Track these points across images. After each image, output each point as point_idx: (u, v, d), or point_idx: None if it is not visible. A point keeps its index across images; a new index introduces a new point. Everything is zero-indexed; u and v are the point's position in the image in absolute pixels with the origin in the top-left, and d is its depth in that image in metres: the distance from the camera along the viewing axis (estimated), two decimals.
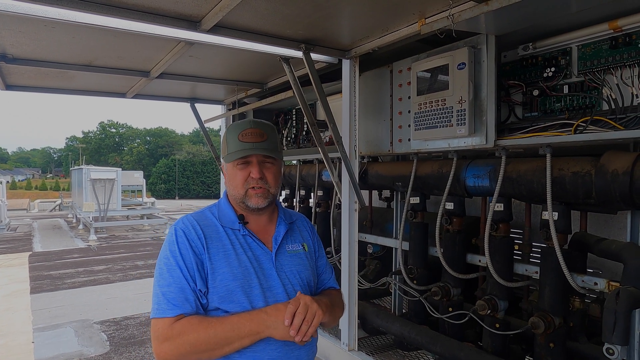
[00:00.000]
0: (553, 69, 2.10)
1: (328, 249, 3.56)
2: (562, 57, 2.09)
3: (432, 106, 2.34)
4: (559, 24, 2.06)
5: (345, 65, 2.68)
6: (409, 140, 2.58)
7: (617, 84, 1.89)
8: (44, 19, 1.91)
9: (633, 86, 1.83)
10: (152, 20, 1.98)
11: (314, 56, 2.59)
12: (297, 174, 3.90)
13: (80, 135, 72.93)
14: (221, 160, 1.54)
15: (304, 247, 1.59)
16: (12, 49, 2.45)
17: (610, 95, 1.91)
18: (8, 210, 26.10)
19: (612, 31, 1.89)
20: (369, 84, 2.92)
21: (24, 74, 2.99)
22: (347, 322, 2.74)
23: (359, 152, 2.75)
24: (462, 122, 2.19)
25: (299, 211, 4.03)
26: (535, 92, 2.18)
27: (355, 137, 2.66)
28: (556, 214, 2.05)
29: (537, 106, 2.20)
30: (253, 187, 1.44)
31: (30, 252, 12.34)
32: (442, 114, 2.29)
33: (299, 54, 2.46)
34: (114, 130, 71.02)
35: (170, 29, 2.07)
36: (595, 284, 1.99)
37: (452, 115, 2.24)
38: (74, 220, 19.38)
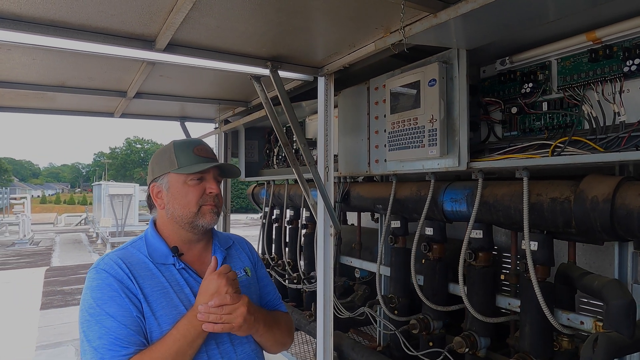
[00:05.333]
0: (531, 85, 1.93)
1: (312, 273, 3.40)
2: (540, 72, 1.92)
3: (404, 125, 2.19)
4: (537, 36, 1.89)
5: (320, 82, 2.56)
6: (385, 161, 2.43)
7: (599, 101, 1.70)
8: None
9: (615, 103, 1.64)
10: (104, 41, 1.91)
11: (287, 74, 2.49)
12: (285, 194, 3.78)
13: (108, 151, 75.21)
14: (157, 180, 1.40)
15: (246, 272, 1.49)
16: None
17: (591, 113, 1.72)
18: (36, 224, 26.96)
19: (590, 43, 1.72)
20: (348, 102, 2.79)
21: (3, 95, 2.99)
22: (322, 354, 2.56)
23: (334, 173, 2.61)
24: (434, 142, 2.03)
25: (288, 233, 3.90)
26: (514, 110, 2.00)
27: (328, 158, 2.52)
28: (535, 243, 1.85)
29: (516, 125, 2.03)
30: (209, 204, 1.36)
31: (48, 267, 12.59)
32: (413, 134, 2.14)
33: (267, 72, 2.36)
34: (139, 146, 72.95)
35: (125, 49, 2.00)
36: (582, 322, 1.78)
37: (424, 135, 2.08)
38: (94, 235, 19.77)
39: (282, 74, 2.43)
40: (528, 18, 1.60)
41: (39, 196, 61.84)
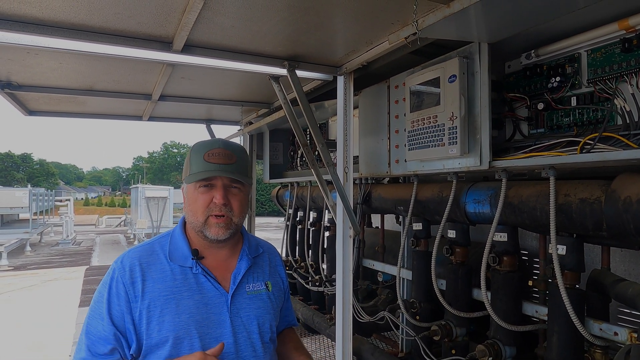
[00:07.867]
0: (559, 79, 1.82)
1: (334, 276, 3.35)
2: (569, 65, 1.81)
3: (424, 123, 2.12)
4: (565, 26, 1.78)
5: (340, 82, 2.52)
6: (405, 161, 2.36)
7: (633, 94, 1.58)
8: (23, 46, 1.94)
9: None
10: (123, 43, 1.95)
11: (305, 74, 2.46)
12: (308, 196, 3.75)
13: (146, 156, 77.86)
14: (182, 182, 1.40)
15: (267, 287, 1.42)
16: (13, 77, 2.55)
17: (624, 107, 1.60)
18: (80, 225, 28.19)
19: (623, 32, 1.60)
20: (368, 101, 2.74)
21: (38, 100, 3.13)
22: (341, 357, 2.51)
23: (355, 174, 2.56)
24: (454, 140, 1.95)
25: (311, 235, 3.88)
26: (540, 106, 1.89)
27: (347, 159, 2.47)
28: (564, 247, 1.74)
29: (543, 121, 1.92)
30: (215, 215, 1.28)
31: (87, 266, 13.09)
32: (433, 132, 2.06)
33: (285, 71, 2.34)
34: (175, 150, 75.06)
35: (144, 51, 2.04)
36: (616, 333, 1.65)
37: (444, 134, 2.00)
38: (132, 237, 20.47)
39: (300, 73, 2.40)
40: (554, 6, 1.51)
41: (82, 199, 64.71)
